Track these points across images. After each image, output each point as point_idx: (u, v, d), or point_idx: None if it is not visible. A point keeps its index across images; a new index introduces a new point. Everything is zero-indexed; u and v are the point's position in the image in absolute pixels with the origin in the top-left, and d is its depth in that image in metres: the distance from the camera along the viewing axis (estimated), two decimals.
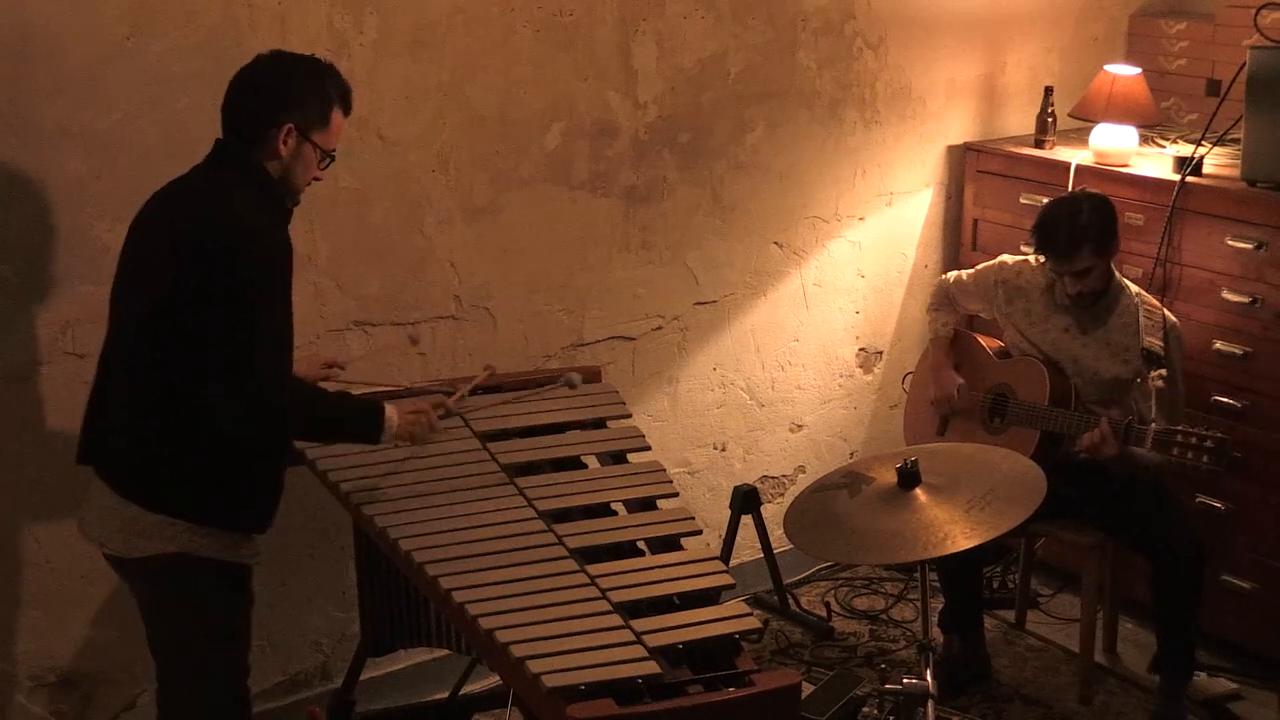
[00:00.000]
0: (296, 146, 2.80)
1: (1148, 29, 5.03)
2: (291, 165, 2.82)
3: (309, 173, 2.86)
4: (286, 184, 2.84)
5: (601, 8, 3.93)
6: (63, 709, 3.49)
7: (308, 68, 2.84)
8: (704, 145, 4.24)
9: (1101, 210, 3.85)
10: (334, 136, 2.88)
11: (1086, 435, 3.77)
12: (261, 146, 2.79)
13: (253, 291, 2.68)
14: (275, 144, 2.78)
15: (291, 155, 2.80)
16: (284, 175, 2.82)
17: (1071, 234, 3.80)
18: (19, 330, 3.26)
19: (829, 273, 4.63)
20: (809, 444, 4.75)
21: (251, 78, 2.82)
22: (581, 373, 3.62)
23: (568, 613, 2.73)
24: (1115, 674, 4.19)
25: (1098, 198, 3.90)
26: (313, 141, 2.82)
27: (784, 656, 4.28)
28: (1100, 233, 3.82)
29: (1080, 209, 3.83)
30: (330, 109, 2.84)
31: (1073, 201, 3.89)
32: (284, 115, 2.78)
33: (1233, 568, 4.10)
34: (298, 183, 2.86)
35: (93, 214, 3.27)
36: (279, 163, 2.80)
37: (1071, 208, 3.85)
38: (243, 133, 2.80)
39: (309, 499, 3.58)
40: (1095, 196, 3.90)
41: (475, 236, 3.87)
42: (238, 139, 2.80)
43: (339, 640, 3.88)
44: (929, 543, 2.92)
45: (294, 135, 2.79)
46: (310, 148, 2.82)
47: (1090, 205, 3.84)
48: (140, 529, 2.77)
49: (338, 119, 2.87)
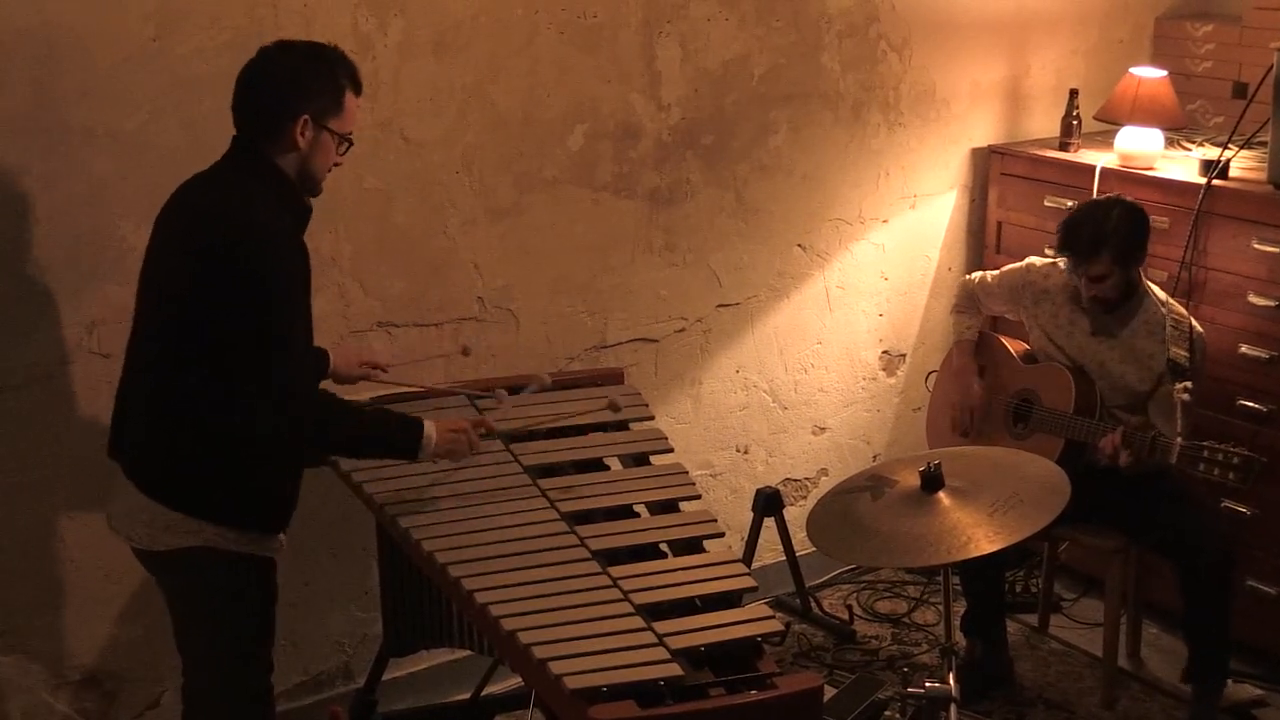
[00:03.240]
0: (314, 137, 2.79)
1: (1174, 31, 5.01)
2: (310, 156, 2.81)
3: (329, 160, 2.85)
4: (307, 175, 2.83)
5: (625, 10, 3.93)
6: (87, 707, 3.51)
7: (315, 55, 2.82)
8: (727, 147, 4.24)
9: (1130, 218, 3.79)
10: (349, 120, 2.86)
11: (1105, 440, 3.75)
12: (278, 141, 2.77)
13: (269, 296, 2.68)
14: (293, 136, 2.77)
15: (310, 146, 2.79)
16: (304, 167, 2.81)
17: (1095, 236, 3.76)
18: (45, 330, 3.27)
19: (852, 275, 4.63)
20: (832, 447, 4.74)
21: (260, 72, 2.80)
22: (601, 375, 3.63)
23: (590, 614, 2.72)
24: (1139, 679, 4.18)
25: (1132, 206, 3.84)
26: (329, 129, 2.81)
27: (806, 659, 4.27)
28: (1124, 240, 3.76)
29: (1110, 213, 3.78)
30: (342, 93, 2.82)
31: (1105, 205, 3.85)
32: (298, 107, 2.76)
33: (1258, 573, 4.08)
34: (318, 173, 2.85)
35: (118, 214, 3.29)
36: (298, 155, 2.79)
37: (1102, 211, 3.81)
38: (259, 129, 2.78)
39: (332, 499, 3.59)
40: (1130, 205, 3.84)
41: (498, 238, 3.87)
42: (254, 135, 2.79)
43: (361, 640, 3.89)
44: (952, 546, 2.91)
45: (310, 126, 2.78)
46: (328, 135, 2.81)
47: (1121, 211, 3.79)
48: (164, 524, 2.79)
49: (351, 101, 2.85)
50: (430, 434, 2.91)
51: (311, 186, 2.87)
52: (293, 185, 2.81)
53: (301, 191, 2.85)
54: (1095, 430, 3.80)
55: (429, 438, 2.90)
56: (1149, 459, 3.71)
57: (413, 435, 2.90)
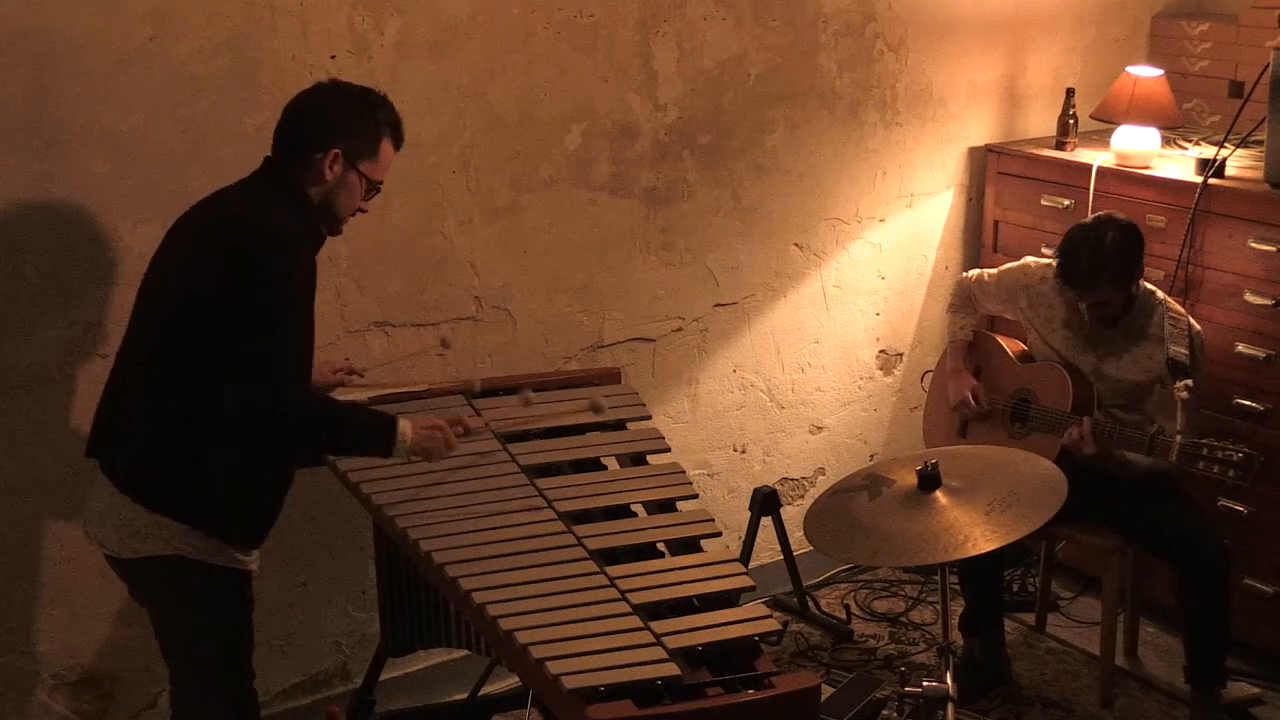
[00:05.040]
0: (342, 173, 2.83)
1: (1170, 30, 5.01)
2: (335, 191, 2.84)
3: (353, 202, 2.88)
4: (329, 211, 2.86)
5: (622, 9, 3.94)
6: (84, 707, 3.51)
7: (361, 97, 2.88)
8: (724, 147, 4.24)
9: (1125, 243, 3.73)
10: (382, 168, 2.90)
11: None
12: (307, 169, 2.81)
13: (275, 296, 2.69)
14: (321, 168, 2.81)
15: (337, 181, 2.83)
16: (327, 201, 2.84)
17: (1092, 270, 3.72)
18: (42, 331, 3.27)
19: (849, 274, 4.63)
20: (829, 446, 4.74)
21: (306, 102, 2.87)
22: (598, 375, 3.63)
23: (587, 614, 2.73)
24: (1136, 677, 4.18)
25: (1124, 228, 3.76)
26: (359, 171, 2.84)
27: (803, 659, 4.27)
28: (1122, 269, 3.73)
29: (1104, 241, 3.71)
30: (379, 140, 2.88)
31: (1098, 231, 3.75)
32: (332, 141, 2.81)
33: (1255, 571, 4.08)
34: (341, 211, 2.88)
35: (115, 215, 3.28)
36: (323, 187, 2.83)
37: (1095, 238, 3.73)
38: (290, 153, 2.83)
39: (329, 499, 3.59)
40: (1122, 226, 3.76)
41: (495, 237, 3.87)
42: (285, 159, 2.83)
43: (359, 640, 3.89)
44: (949, 545, 2.91)
45: (340, 161, 2.82)
46: (356, 176, 2.85)
47: (1114, 237, 3.72)
48: (136, 529, 2.78)
49: (387, 150, 2.90)
50: (404, 431, 2.87)
51: (331, 223, 2.89)
52: (312, 209, 2.84)
53: (319, 222, 2.87)
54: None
55: (403, 434, 2.87)
56: (1148, 457, 3.72)
57: (386, 432, 2.87)
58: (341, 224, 2.92)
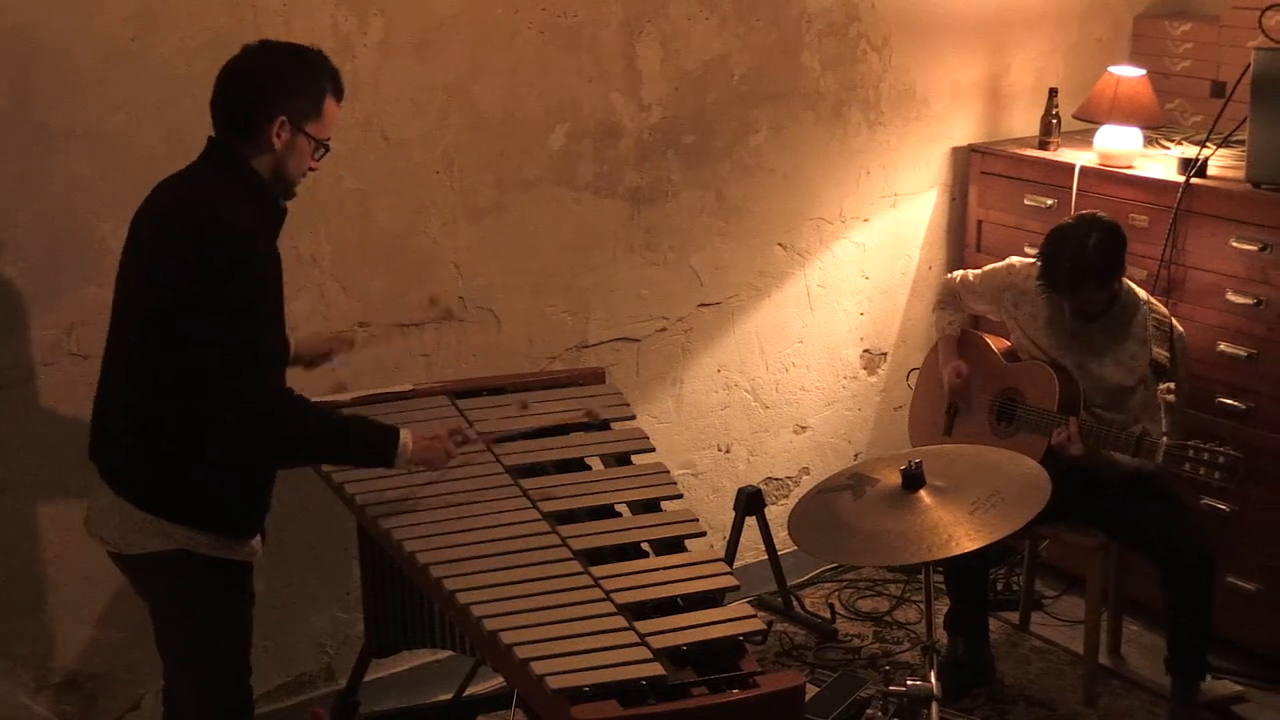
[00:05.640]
0: (290, 139, 2.76)
1: (1152, 30, 5.03)
2: (285, 158, 2.78)
3: (304, 164, 2.82)
4: (281, 178, 2.80)
5: (606, 9, 3.93)
6: (67, 710, 3.49)
7: (296, 56, 2.80)
8: (708, 147, 4.24)
9: (1107, 244, 3.73)
10: (328, 125, 2.83)
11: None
12: (254, 141, 2.75)
13: (238, 296, 2.65)
14: (268, 137, 2.75)
15: (285, 148, 2.77)
16: (278, 169, 2.78)
17: (1075, 273, 3.73)
18: (23, 331, 3.26)
19: (833, 274, 4.63)
20: (813, 446, 4.74)
21: (240, 70, 2.78)
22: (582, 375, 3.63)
23: (572, 614, 2.72)
24: (1120, 676, 4.19)
25: (1107, 229, 3.76)
26: (306, 133, 2.78)
27: (788, 658, 4.28)
28: (1105, 269, 3.74)
29: (1086, 243, 3.71)
30: (322, 98, 2.80)
31: (1081, 233, 3.75)
32: (276, 108, 2.73)
33: (1238, 569, 4.10)
34: (292, 176, 2.82)
35: (98, 215, 3.28)
36: (272, 156, 2.76)
37: (1077, 240, 3.72)
38: (235, 128, 2.76)
39: (313, 501, 3.58)
40: (1104, 227, 3.76)
41: (479, 238, 3.87)
42: (230, 135, 2.77)
43: (343, 641, 3.88)
44: (933, 544, 2.91)
45: (287, 128, 2.75)
46: (304, 139, 2.78)
47: (1097, 239, 3.72)
48: (137, 526, 2.78)
49: (331, 107, 2.82)
50: (406, 442, 2.88)
51: (284, 189, 2.84)
52: (266, 187, 2.79)
53: (274, 194, 2.82)
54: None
55: (405, 446, 2.88)
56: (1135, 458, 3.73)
57: (389, 444, 2.87)
58: (294, 188, 2.85)
